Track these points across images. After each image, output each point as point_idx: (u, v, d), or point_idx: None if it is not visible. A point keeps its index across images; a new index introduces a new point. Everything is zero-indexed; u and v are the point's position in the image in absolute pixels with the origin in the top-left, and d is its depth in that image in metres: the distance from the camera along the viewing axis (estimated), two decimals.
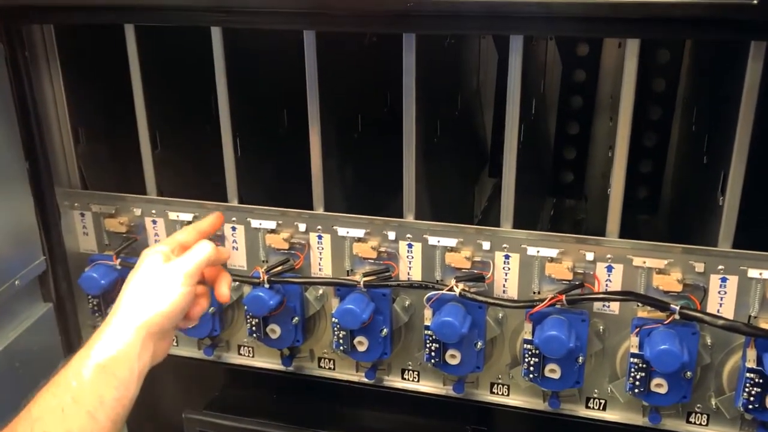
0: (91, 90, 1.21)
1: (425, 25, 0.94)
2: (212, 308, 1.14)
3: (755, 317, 0.94)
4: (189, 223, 1.15)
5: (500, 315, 1.05)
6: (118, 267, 1.16)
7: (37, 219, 1.17)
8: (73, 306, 1.22)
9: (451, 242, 1.04)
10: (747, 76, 0.85)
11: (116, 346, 0.79)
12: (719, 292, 0.95)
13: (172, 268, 0.86)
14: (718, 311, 0.95)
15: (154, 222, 1.17)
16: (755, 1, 0.77)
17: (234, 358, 1.23)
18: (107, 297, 1.18)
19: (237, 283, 1.14)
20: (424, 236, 1.05)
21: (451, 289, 1.01)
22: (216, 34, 1.05)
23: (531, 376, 1.01)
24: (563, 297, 0.96)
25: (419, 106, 1.02)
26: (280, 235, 1.11)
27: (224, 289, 0.92)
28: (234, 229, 1.14)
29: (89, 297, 1.19)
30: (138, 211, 1.18)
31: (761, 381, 0.91)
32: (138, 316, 0.81)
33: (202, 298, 0.90)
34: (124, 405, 0.78)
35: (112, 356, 0.78)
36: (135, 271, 0.86)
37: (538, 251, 1.00)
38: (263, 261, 1.14)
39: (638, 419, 1.05)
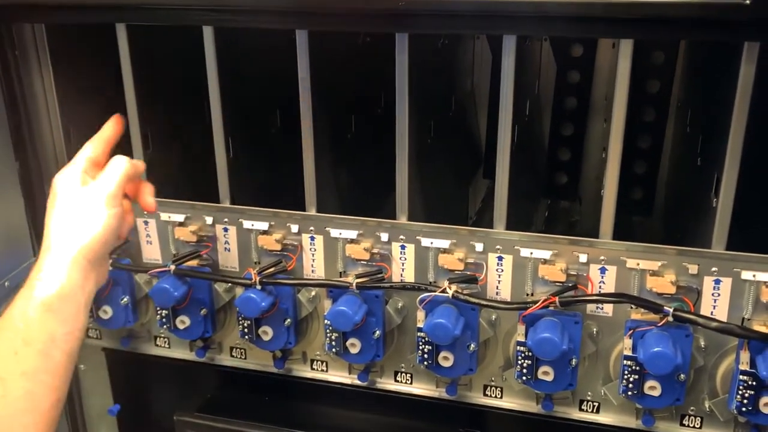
0: (83, 89, 1.20)
1: (418, 24, 0.94)
2: (204, 309, 1.13)
3: (749, 319, 0.94)
4: (181, 224, 1.14)
5: (493, 317, 1.04)
6: (109, 269, 1.15)
7: (27, 220, 1.17)
8: None
9: (444, 244, 1.03)
10: (740, 77, 0.85)
11: (58, 281, 0.78)
12: (713, 294, 0.95)
13: (93, 192, 0.84)
14: (711, 313, 0.95)
15: (146, 223, 1.17)
16: (748, 2, 0.77)
17: (226, 360, 1.23)
18: (98, 298, 1.17)
19: (229, 284, 1.14)
20: (417, 237, 1.05)
21: (444, 291, 1.01)
22: (208, 33, 1.04)
23: (524, 378, 1.00)
24: (556, 299, 0.96)
25: (412, 106, 1.01)
26: (272, 236, 1.10)
27: (149, 199, 0.93)
28: (226, 230, 1.13)
29: None
30: None
31: (754, 383, 0.90)
32: (72, 247, 0.80)
33: (128, 215, 0.90)
34: (76, 337, 0.78)
35: (55, 293, 0.77)
36: (53, 201, 0.84)
37: (531, 253, 1.00)
38: (255, 262, 1.13)
39: (632, 422, 1.05)
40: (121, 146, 1.15)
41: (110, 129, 0.95)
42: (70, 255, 0.79)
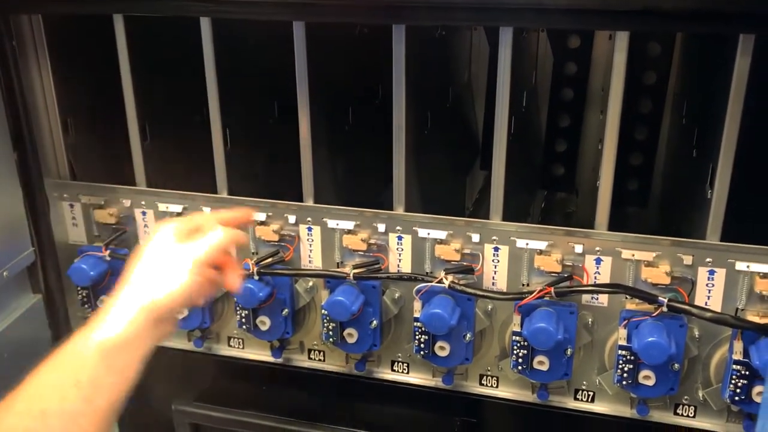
0: (81, 80, 1.20)
1: (414, 16, 0.94)
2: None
3: (742, 310, 0.95)
4: (179, 214, 1.14)
5: (489, 307, 1.05)
6: (108, 258, 1.16)
7: (25, 210, 1.17)
8: (63, 297, 1.22)
9: (441, 234, 1.04)
10: (735, 68, 0.85)
11: (120, 327, 0.77)
12: (707, 285, 0.95)
13: (183, 253, 0.83)
14: (706, 304, 0.96)
15: (144, 213, 1.17)
16: None
17: (224, 350, 1.23)
18: (96, 288, 1.17)
19: None
20: (414, 228, 1.05)
21: (440, 281, 1.02)
22: (205, 24, 1.04)
23: (519, 367, 1.01)
24: (552, 289, 0.96)
25: (409, 97, 1.02)
26: (270, 227, 1.11)
27: (235, 280, 0.90)
28: None
29: (78, 288, 1.18)
30: (127, 203, 1.18)
31: (747, 373, 0.91)
32: (144, 297, 0.79)
33: (211, 284, 0.87)
34: (122, 390, 0.77)
35: (115, 340, 0.76)
36: (146, 246, 0.84)
37: (527, 243, 1.00)
38: (253, 253, 1.14)
39: (626, 411, 1.06)
40: (118, 136, 1.16)
41: (231, 214, 0.93)
42: (138, 306, 0.79)
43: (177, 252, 0.83)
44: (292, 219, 1.10)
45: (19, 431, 0.69)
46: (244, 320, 1.12)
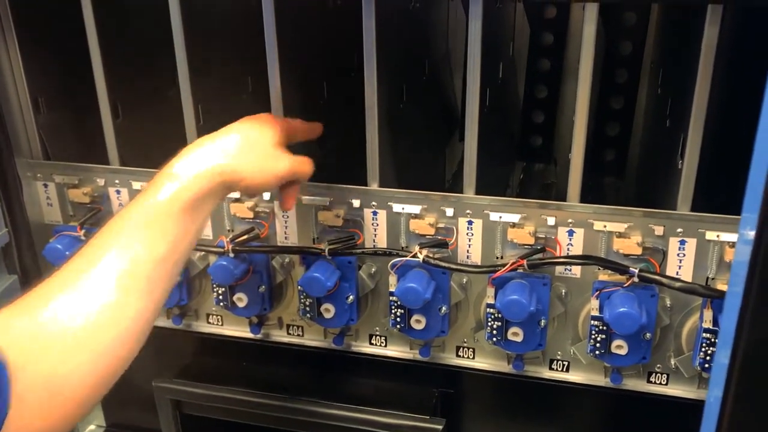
0: (50, 57, 1.18)
1: None
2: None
3: (713, 279, 0.96)
4: None
5: (464, 280, 1.06)
6: (83, 238, 1.15)
7: None
8: (39, 278, 1.20)
9: (415, 209, 1.04)
10: (704, 39, 0.85)
11: (198, 185, 0.82)
12: (678, 255, 0.96)
13: (272, 151, 0.92)
14: (677, 273, 0.96)
15: (118, 192, 1.16)
16: None
17: (203, 327, 1.24)
18: None
19: (203, 252, 1.14)
20: (389, 203, 1.05)
21: (415, 256, 1.02)
22: None
23: (494, 339, 1.02)
24: (524, 261, 0.97)
25: (381, 70, 1.01)
26: (244, 203, 1.10)
27: (289, 204, 0.99)
28: None
29: (55, 268, 1.18)
30: (101, 182, 1.17)
31: (717, 341, 0.92)
32: (217, 160, 0.86)
33: (275, 185, 0.94)
34: (199, 233, 0.84)
35: (197, 195, 0.82)
36: (241, 126, 0.92)
37: (500, 217, 1.01)
38: (228, 230, 1.13)
39: (600, 380, 1.07)
40: (90, 115, 1.15)
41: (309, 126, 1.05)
42: (210, 167, 0.85)
43: (268, 148, 0.91)
44: (266, 195, 1.10)
45: (112, 273, 0.76)
46: (221, 297, 1.12)
